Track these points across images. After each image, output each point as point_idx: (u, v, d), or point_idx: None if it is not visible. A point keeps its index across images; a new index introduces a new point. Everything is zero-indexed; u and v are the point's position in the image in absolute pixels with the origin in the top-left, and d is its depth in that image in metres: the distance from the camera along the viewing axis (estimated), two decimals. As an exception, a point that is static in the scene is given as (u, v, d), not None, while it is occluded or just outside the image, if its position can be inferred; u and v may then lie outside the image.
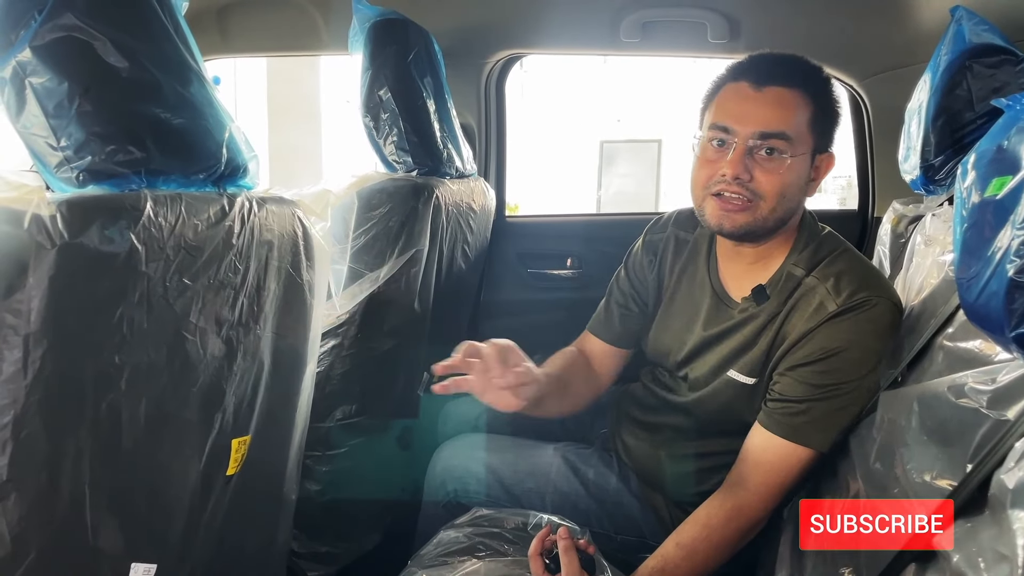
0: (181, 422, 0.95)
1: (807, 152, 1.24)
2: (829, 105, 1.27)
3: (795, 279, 1.27)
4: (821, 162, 1.28)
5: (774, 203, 1.22)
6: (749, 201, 1.22)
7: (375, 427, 1.70)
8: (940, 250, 1.22)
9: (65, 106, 0.81)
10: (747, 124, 1.21)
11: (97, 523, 0.84)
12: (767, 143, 1.21)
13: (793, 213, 1.28)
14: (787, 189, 1.22)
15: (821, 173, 1.29)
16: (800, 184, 1.25)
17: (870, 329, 1.19)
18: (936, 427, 0.85)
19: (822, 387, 1.20)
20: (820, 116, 1.25)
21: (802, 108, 1.23)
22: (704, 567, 1.21)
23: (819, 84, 1.26)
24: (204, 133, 0.95)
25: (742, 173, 1.21)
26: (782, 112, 1.21)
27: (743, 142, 1.21)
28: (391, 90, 1.64)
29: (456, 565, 1.30)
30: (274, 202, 1.10)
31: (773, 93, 1.22)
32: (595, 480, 1.49)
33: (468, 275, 2.12)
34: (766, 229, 1.26)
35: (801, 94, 1.23)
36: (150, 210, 0.83)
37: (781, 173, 1.21)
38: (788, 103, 1.22)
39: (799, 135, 1.22)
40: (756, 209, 1.23)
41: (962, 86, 1.35)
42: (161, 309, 0.87)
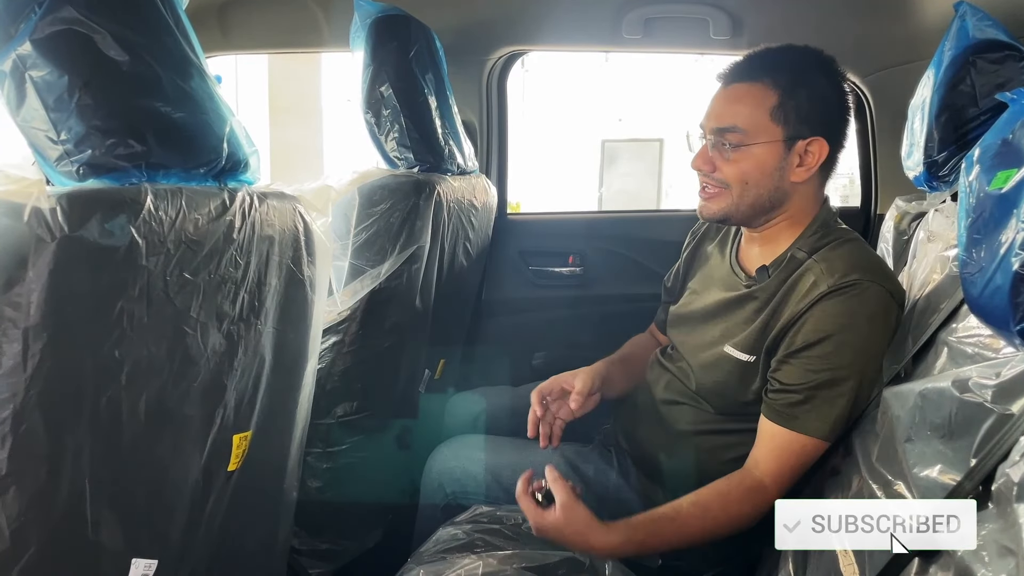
0: (182, 417, 0.95)
1: (773, 140, 1.29)
2: (799, 92, 1.29)
3: (796, 261, 1.32)
4: (808, 147, 1.30)
5: (740, 189, 1.32)
6: (719, 189, 1.34)
7: (376, 424, 1.70)
8: (943, 246, 1.22)
9: (65, 100, 0.81)
10: (709, 121, 1.34)
11: (97, 518, 0.84)
12: (722, 137, 1.31)
13: (774, 199, 1.33)
14: (748, 176, 1.31)
15: (811, 159, 1.31)
16: (767, 171, 1.31)
17: (861, 312, 1.21)
18: (940, 422, 0.85)
19: (818, 372, 1.21)
20: (788, 105, 1.29)
21: (762, 99, 1.30)
22: (712, 531, 1.22)
23: (784, 74, 1.30)
24: (205, 127, 0.95)
25: (703, 165, 1.35)
26: (735, 107, 1.31)
27: (707, 137, 1.34)
28: (392, 86, 1.64)
29: (455, 562, 1.30)
30: (275, 197, 1.09)
31: (733, 90, 1.33)
32: (595, 477, 1.49)
33: (470, 273, 2.11)
34: (744, 213, 1.35)
35: (763, 86, 1.30)
36: (150, 204, 0.83)
37: (738, 161, 1.31)
38: (743, 97, 1.31)
39: (756, 125, 1.29)
40: (726, 196, 1.34)
41: (966, 82, 1.34)
42: (161, 303, 0.86)
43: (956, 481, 0.78)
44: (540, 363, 2.46)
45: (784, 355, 1.25)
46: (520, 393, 1.96)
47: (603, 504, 1.46)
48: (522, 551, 1.31)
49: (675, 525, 1.21)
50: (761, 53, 1.35)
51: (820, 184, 1.38)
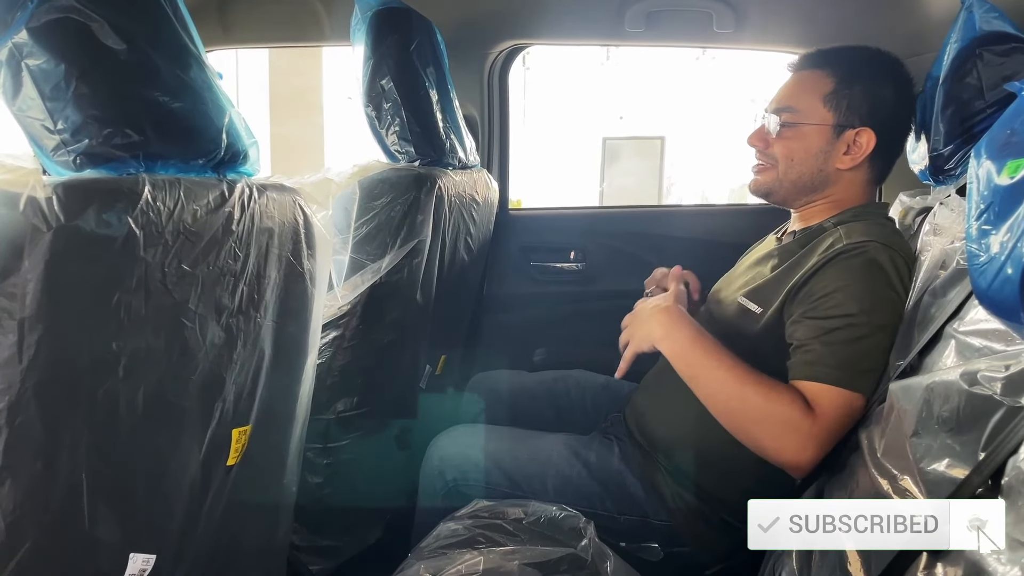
0: (180, 410, 0.94)
1: (823, 124, 1.40)
2: (855, 83, 1.39)
3: (823, 229, 1.41)
4: (856, 137, 1.40)
5: (785, 166, 1.44)
6: (766, 165, 1.47)
7: (376, 420, 1.68)
8: (949, 239, 1.21)
9: (62, 88, 0.79)
10: (770, 104, 1.47)
11: (94, 512, 0.83)
12: (778, 116, 1.43)
13: (815, 180, 1.44)
14: (794, 153, 1.43)
15: (859, 148, 1.40)
16: (812, 152, 1.42)
17: (874, 269, 1.26)
18: (948, 416, 0.83)
19: (829, 319, 1.24)
20: (841, 92, 1.39)
21: (818, 85, 1.41)
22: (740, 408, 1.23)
23: (843, 65, 1.41)
24: (203, 118, 0.94)
25: (757, 142, 1.47)
26: (793, 89, 1.45)
27: (765, 116, 1.46)
28: (393, 79, 1.63)
29: (456, 557, 1.29)
30: (275, 189, 1.08)
31: (795, 76, 1.47)
32: (597, 463, 1.49)
33: (471, 268, 2.10)
34: (786, 189, 1.46)
35: (822, 73, 1.42)
36: (148, 194, 0.82)
37: (787, 140, 1.43)
38: (803, 82, 1.44)
39: (808, 107, 1.41)
40: (773, 171, 1.46)
41: (972, 74, 1.33)
42: (159, 295, 0.85)
43: (964, 475, 0.77)
44: (541, 359, 2.46)
45: (799, 314, 1.29)
46: (525, 379, 1.98)
47: (606, 489, 1.47)
48: (523, 547, 1.30)
49: (718, 367, 1.25)
50: (831, 47, 1.46)
51: (870, 178, 1.47)
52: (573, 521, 1.38)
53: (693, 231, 2.46)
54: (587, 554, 1.30)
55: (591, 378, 1.97)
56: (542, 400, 1.92)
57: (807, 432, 1.18)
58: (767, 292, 1.39)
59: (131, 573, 0.90)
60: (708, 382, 1.27)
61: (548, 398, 1.92)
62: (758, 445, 1.23)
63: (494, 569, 1.21)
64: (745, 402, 1.22)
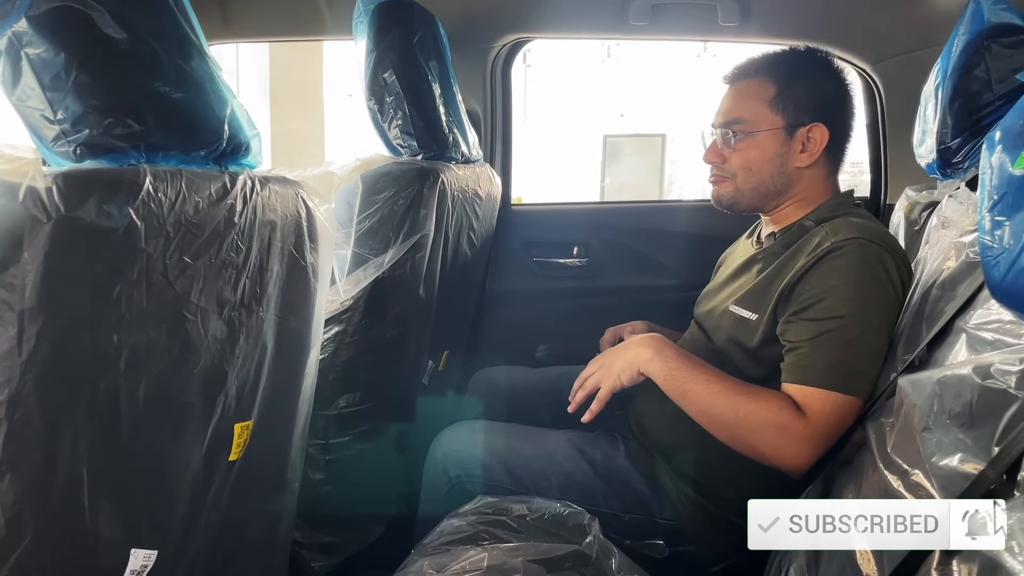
0: (182, 405, 0.93)
1: (774, 128, 1.43)
2: (796, 83, 1.43)
3: (804, 228, 1.41)
4: (809, 133, 1.43)
5: (743, 175, 1.46)
6: (723, 178, 1.48)
7: (379, 416, 1.67)
8: (957, 232, 1.19)
9: (62, 78, 0.78)
10: (716, 119, 1.49)
11: (95, 507, 0.82)
12: (728, 129, 1.46)
13: (778, 183, 1.45)
14: (752, 163, 1.45)
15: (814, 143, 1.43)
16: (769, 157, 1.44)
17: (864, 269, 1.26)
18: (960, 410, 0.82)
19: (822, 321, 1.25)
20: (786, 95, 1.42)
21: (760, 92, 1.44)
22: (732, 420, 1.25)
23: (781, 68, 1.45)
24: (205, 108, 0.93)
25: (713, 157, 1.49)
26: (737, 101, 1.47)
27: (716, 132, 1.48)
28: (396, 73, 1.62)
29: (460, 553, 1.28)
30: (277, 182, 1.07)
31: (735, 88, 1.49)
32: (602, 460, 1.49)
33: (473, 263, 2.09)
34: (750, 197, 1.48)
35: (761, 80, 1.44)
36: (149, 185, 0.81)
37: (742, 150, 1.45)
38: (744, 92, 1.46)
39: (756, 115, 1.43)
40: (731, 183, 1.47)
41: (980, 67, 1.31)
42: (161, 287, 0.84)
43: (978, 470, 0.76)
44: (544, 355, 2.44)
45: (790, 314, 1.30)
46: (528, 375, 1.97)
47: (611, 487, 1.46)
48: (528, 543, 1.29)
49: (708, 381, 1.28)
50: (762, 55, 1.49)
51: (829, 171, 1.49)
52: (577, 518, 1.37)
53: (695, 226, 2.45)
54: (592, 551, 1.29)
55: None
56: (545, 396, 1.90)
57: (799, 435, 1.21)
58: (758, 297, 1.39)
59: (132, 569, 0.89)
60: (700, 398, 1.29)
61: (551, 394, 1.91)
62: (754, 452, 1.26)
63: (498, 565, 1.20)
64: (736, 414, 1.25)
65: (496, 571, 1.19)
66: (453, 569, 1.22)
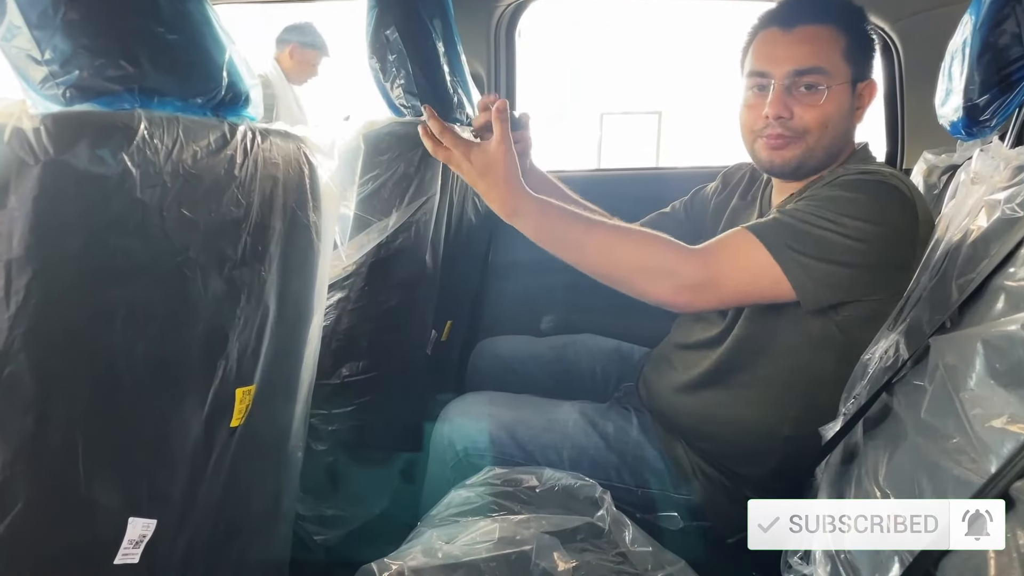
0: (181, 367, 0.88)
1: (846, 82, 1.30)
2: (862, 35, 1.33)
3: (822, 178, 1.32)
4: (863, 90, 1.34)
5: (819, 134, 1.29)
6: (794, 137, 1.30)
7: (382, 386, 1.63)
8: (989, 189, 1.15)
9: (50, 15, 0.73)
10: (781, 65, 1.29)
11: (91, 474, 0.77)
12: (804, 79, 1.28)
13: (842, 142, 1.34)
14: (829, 119, 1.29)
15: (865, 101, 1.35)
16: (843, 113, 1.31)
17: (869, 196, 1.19)
18: (1007, 369, 0.78)
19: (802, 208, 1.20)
20: (854, 46, 1.30)
21: (834, 41, 1.29)
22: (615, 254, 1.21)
23: (849, 16, 1.32)
24: (202, 52, 0.87)
25: (783, 111, 1.29)
26: (814, 47, 1.28)
27: (780, 82, 1.29)
28: (398, 30, 1.55)
29: (469, 525, 1.25)
30: (279, 135, 1.02)
31: (802, 32, 1.30)
32: (614, 434, 1.44)
33: (478, 230, 2.04)
34: (816, 161, 1.32)
35: (832, 28, 1.29)
36: (144, 131, 0.76)
37: (821, 105, 1.28)
38: (819, 38, 1.29)
39: (834, 67, 1.28)
40: (802, 143, 1.30)
41: (1010, 20, 1.26)
42: (159, 241, 0.79)
43: (1028, 431, 0.71)
44: (548, 327, 2.40)
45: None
46: (533, 344, 1.94)
47: (623, 461, 1.42)
48: (539, 515, 1.25)
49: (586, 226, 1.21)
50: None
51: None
52: (589, 490, 1.33)
53: None
54: (605, 523, 1.26)
55: (600, 343, 1.91)
56: (551, 366, 1.87)
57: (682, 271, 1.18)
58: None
59: (131, 539, 0.84)
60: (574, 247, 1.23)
61: (557, 363, 1.87)
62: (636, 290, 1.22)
63: (510, 537, 1.17)
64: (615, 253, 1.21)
65: (507, 543, 1.16)
66: (463, 540, 1.19)
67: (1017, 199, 1.02)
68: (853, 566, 0.99)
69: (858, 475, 1.09)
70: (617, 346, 1.87)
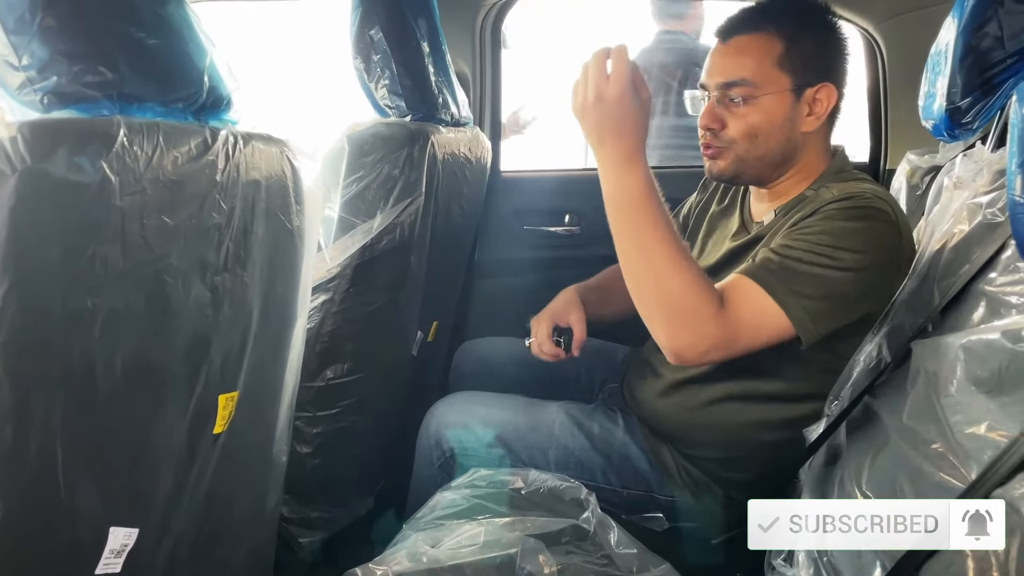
0: (163, 374, 0.87)
1: (781, 90, 1.29)
2: (808, 40, 1.31)
3: (805, 197, 1.33)
4: (817, 94, 1.31)
5: (746, 144, 1.31)
6: (723, 148, 1.33)
7: (367, 388, 1.62)
8: (971, 193, 1.16)
9: (27, 20, 0.72)
10: (713, 77, 1.32)
11: (72, 483, 0.76)
12: (729, 91, 1.30)
13: (785, 151, 1.33)
14: (757, 130, 1.30)
15: (820, 107, 1.32)
16: (778, 123, 1.31)
17: (860, 224, 1.18)
18: (987, 376, 0.79)
19: (798, 242, 1.18)
20: (794, 53, 1.29)
21: (767, 50, 1.29)
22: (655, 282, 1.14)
23: (790, 23, 1.30)
24: (183, 57, 0.86)
25: (712, 123, 1.32)
26: (741, 60, 1.30)
27: (712, 94, 1.32)
28: (383, 29, 1.54)
29: (454, 528, 1.25)
30: (261, 139, 1.01)
31: (735, 43, 1.32)
32: (600, 434, 1.45)
33: (463, 230, 2.03)
34: (756, 167, 1.34)
35: (767, 36, 1.30)
36: (124, 138, 0.75)
37: (745, 115, 1.30)
38: (748, 49, 1.30)
39: (764, 76, 1.29)
40: (731, 153, 1.33)
41: (992, 23, 1.26)
42: (138, 248, 0.78)
43: (1007, 437, 0.72)
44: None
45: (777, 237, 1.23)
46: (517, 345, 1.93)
47: (609, 462, 1.43)
48: (525, 517, 1.26)
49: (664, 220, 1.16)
50: (759, 4, 1.37)
51: (828, 134, 1.38)
52: (574, 492, 1.33)
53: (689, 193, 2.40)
54: (590, 525, 1.26)
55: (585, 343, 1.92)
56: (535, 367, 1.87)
57: (705, 326, 1.13)
58: None
59: (112, 548, 0.84)
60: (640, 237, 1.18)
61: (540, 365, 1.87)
62: (653, 324, 1.16)
63: (495, 540, 1.17)
64: (666, 278, 1.14)
65: (492, 546, 1.16)
66: (448, 544, 1.19)
67: (998, 204, 1.03)
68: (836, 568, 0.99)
69: (841, 478, 1.10)
70: (601, 346, 1.87)
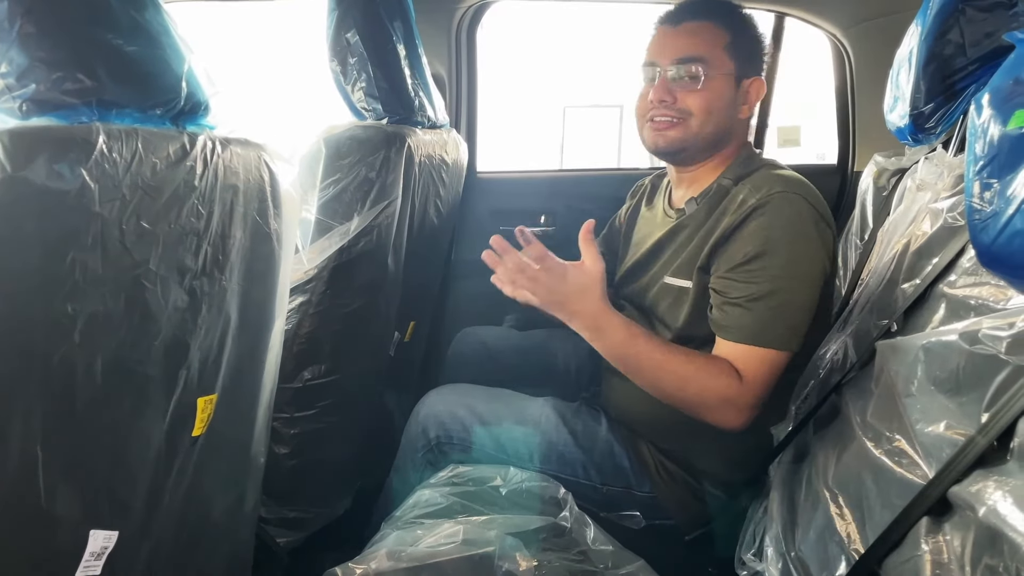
0: (142, 378, 0.88)
1: (728, 74, 1.41)
2: (747, 37, 1.45)
3: (724, 189, 1.41)
4: (749, 87, 1.45)
5: (703, 118, 1.40)
6: (678, 120, 1.41)
7: (345, 388, 1.63)
8: (932, 196, 1.19)
9: (5, 28, 0.72)
10: (666, 55, 1.42)
11: (51, 487, 0.77)
12: (686, 67, 1.39)
13: (724, 133, 1.44)
14: (711, 105, 1.40)
15: (752, 98, 1.46)
16: (725, 103, 1.41)
17: (794, 220, 1.28)
18: (945, 376, 0.82)
19: (756, 284, 1.26)
20: (738, 44, 1.41)
21: (717, 36, 1.40)
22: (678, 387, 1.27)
23: (732, 18, 1.43)
24: (161, 63, 0.87)
25: (665, 96, 1.40)
26: (695, 40, 1.40)
27: (665, 70, 1.41)
28: (359, 32, 1.55)
29: (433, 526, 1.26)
30: (239, 144, 1.02)
31: (687, 27, 1.42)
32: (583, 431, 1.48)
33: (440, 231, 2.04)
34: (698, 145, 1.43)
35: (714, 25, 1.41)
36: (103, 144, 0.75)
37: (702, 91, 1.39)
38: (701, 32, 1.41)
39: (715, 58, 1.39)
40: (686, 126, 1.41)
41: (954, 31, 1.30)
42: (117, 254, 0.79)
43: (964, 436, 0.75)
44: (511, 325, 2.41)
45: (724, 272, 1.30)
46: (512, 336, 1.97)
47: (590, 458, 1.45)
48: (503, 516, 1.28)
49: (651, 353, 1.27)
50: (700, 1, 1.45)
51: (748, 127, 1.53)
52: (553, 490, 1.36)
53: None
54: (567, 523, 1.28)
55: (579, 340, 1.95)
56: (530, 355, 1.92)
57: (739, 401, 1.24)
58: (688, 265, 1.40)
59: (92, 551, 0.84)
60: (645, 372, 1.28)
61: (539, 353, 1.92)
62: (697, 416, 1.28)
63: (473, 539, 1.19)
64: (682, 388, 1.26)
65: (471, 544, 1.18)
66: (427, 542, 1.20)
67: (959, 208, 1.06)
68: (803, 563, 1.02)
69: (808, 474, 1.13)
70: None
